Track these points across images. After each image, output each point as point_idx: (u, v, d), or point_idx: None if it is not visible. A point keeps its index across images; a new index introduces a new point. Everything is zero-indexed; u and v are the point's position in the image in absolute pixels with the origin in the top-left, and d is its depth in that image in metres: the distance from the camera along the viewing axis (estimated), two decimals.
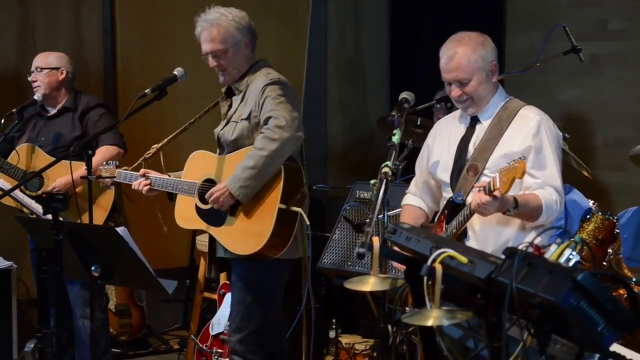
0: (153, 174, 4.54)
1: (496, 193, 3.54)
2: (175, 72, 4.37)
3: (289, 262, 4.44)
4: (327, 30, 8.06)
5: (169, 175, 4.54)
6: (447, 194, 3.99)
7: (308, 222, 4.27)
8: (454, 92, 3.91)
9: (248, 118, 4.29)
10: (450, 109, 5.42)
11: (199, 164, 4.47)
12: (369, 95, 8.32)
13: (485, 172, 3.85)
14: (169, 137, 4.63)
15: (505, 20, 7.39)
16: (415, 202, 4.21)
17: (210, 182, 4.37)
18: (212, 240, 4.47)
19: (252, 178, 4.17)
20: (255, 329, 4.39)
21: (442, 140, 4.09)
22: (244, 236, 4.28)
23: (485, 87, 3.91)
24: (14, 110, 5.32)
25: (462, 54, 3.86)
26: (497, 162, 3.80)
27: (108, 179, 4.68)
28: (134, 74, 6.74)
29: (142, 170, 4.56)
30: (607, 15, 6.88)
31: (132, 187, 4.57)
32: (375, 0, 8.25)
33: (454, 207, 3.88)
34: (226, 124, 4.41)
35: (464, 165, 3.92)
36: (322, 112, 8.09)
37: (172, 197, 4.56)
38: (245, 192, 4.20)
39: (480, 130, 3.95)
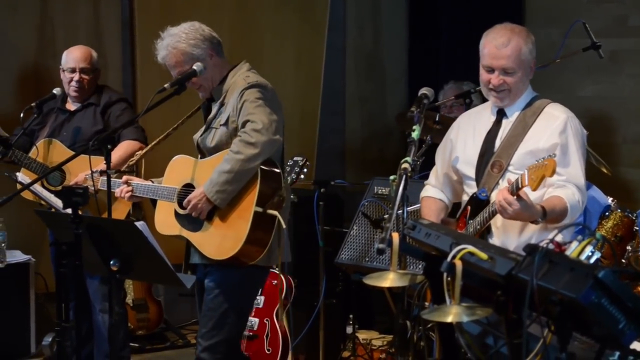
0: (136, 180, 4.50)
1: (520, 193, 3.54)
2: (194, 67, 4.32)
3: (266, 270, 4.36)
4: (346, 26, 8.06)
5: (152, 182, 4.50)
6: (470, 188, 3.97)
7: (285, 226, 4.17)
8: (496, 80, 3.84)
9: (226, 124, 4.23)
10: (469, 105, 5.41)
11: (179, 169, 4.41)
12: (387, 91, 8.31)
13: (510, 168, 3.82)
14: (152, 144, 4.58)
15: (525, 16, 7.36)
16: (435, 194, 4.17)
17: (189, 187, 4.31)
18: (188, 246, 4.38)
19: (228, 182, 4.09)
20: (226, 338, 4.27)
21: (465, 134, 4.05)
22: (220, 240, 4.20)
23: (524, 82, 3.88)
24: (33, 104, 5.32)
25: (517, 43, 3.81)
26: (522, 159, 3.79)
27: (93, 188, 4.61)
28: (153, 68, 6.71)
29: (124, 177, 4.50)
30: (627, 11, 6.85)
31: (115, 194, 4.48)
32: None
33: (478, 203, 3.86)
34: (205, 130, 4.37)
35: (489, 161, 3.89)
36: (340, 107, 8.09)
37: (156, 203, 4.50)
38: (222, 196, 4.12)
39: (506, 124, 3.92)
